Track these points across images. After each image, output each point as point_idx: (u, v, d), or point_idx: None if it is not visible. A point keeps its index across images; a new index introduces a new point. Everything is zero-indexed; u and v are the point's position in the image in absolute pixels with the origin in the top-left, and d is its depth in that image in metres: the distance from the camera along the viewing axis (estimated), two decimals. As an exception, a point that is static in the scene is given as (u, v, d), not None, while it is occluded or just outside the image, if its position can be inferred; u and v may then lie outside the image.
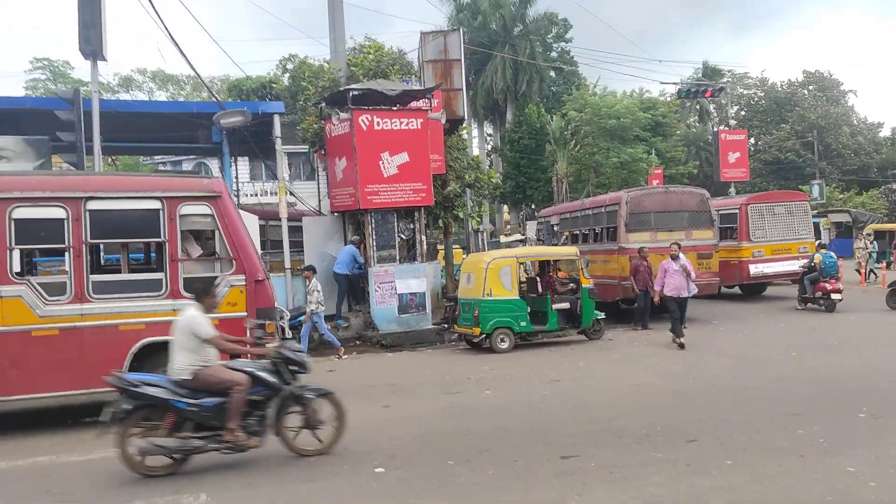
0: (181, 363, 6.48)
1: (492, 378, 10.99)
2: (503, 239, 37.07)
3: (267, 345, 7.36)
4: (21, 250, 9.40)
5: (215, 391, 6.49)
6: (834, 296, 16.98)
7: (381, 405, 9.32)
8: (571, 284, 14.97)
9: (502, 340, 13.49)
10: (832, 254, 17.74)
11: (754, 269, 19.66)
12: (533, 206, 41.41)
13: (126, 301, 8.60)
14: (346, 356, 13.59)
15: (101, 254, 11.84)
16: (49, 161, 14.84)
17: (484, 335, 13.44)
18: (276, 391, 6.76)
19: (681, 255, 13.64)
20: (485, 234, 35.00)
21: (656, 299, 13.87)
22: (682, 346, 12.92)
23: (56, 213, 8.47)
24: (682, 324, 13.42)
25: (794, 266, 18.90)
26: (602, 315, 14.67)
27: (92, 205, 8.59)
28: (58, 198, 8.50)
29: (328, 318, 14.94)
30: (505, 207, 45.95)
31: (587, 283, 14.36)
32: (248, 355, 7.05)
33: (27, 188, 8.49)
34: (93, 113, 13.62)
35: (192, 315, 6.57)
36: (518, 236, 35.29)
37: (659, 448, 6.83)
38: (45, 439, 8.03)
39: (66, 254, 8.72)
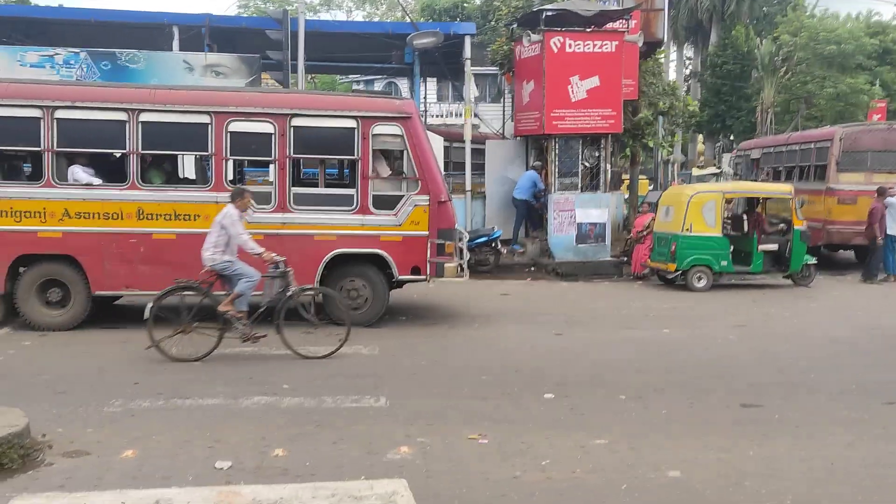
0: None
1: (672, 317, 10.63)
2: (696, 171, 35.12)
3: None
4: (234, 161, 10.29)
5: None
6: None
7: (553, 333, 9.37)
8: (781, 225, 13.88)
9: (699, 279, 12.86)
10: None
11: None
12: (731, 138, 38.64)
13: (321, 214, 9.24)
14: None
15: (301, 168, 12.66)
16: (259, 78, 15.89)
17: (679, 272, 12.91)
18: None
19: None
20: (675, 165, 33.38)
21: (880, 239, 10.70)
22: None
23: (265, 127, 9.15)
24: None
25: None
26: (814, 260, 13.57)
27: (296, 121, 9.17)
28: (267, 114, 9.15)
29: (505, 242, 15.10)
30: (700, 138, 43.24)
31: (800, 225, 13.16)
32: None
33: (241, 104, 9.22)
34: (299, 33, 14.39)
35: None
36: (713, 169, 33.27)
37: (852, 407, 6.33)
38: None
39: (272, 166, 9.42)
